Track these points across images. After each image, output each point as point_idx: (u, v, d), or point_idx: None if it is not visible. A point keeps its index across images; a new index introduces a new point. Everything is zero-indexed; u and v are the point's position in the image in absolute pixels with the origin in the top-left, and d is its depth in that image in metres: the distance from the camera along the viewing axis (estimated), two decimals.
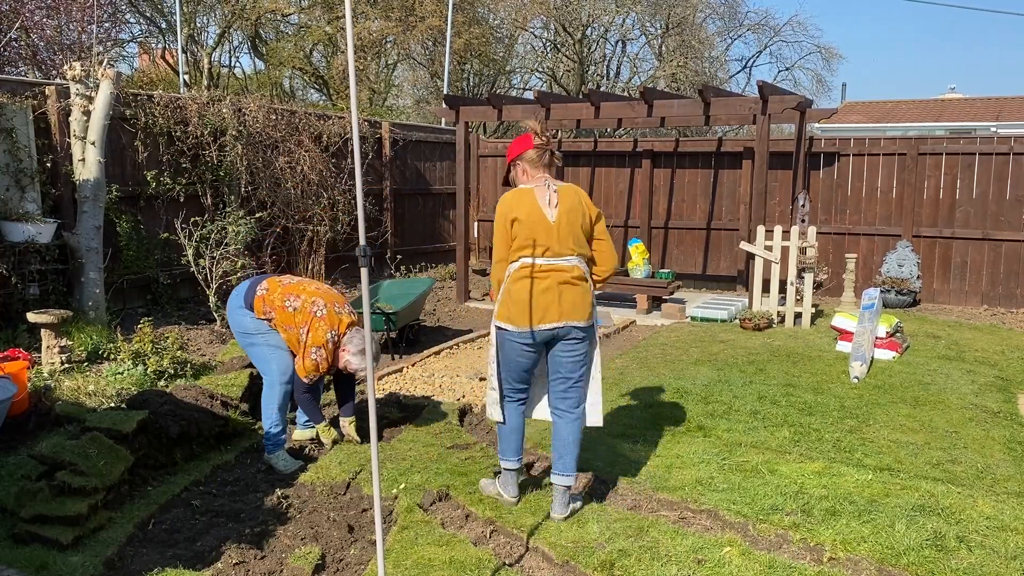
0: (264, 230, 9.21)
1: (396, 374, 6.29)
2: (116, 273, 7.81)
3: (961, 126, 22.60)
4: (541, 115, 9.75)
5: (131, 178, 8.20)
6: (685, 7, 25.67)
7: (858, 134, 16.64)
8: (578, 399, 3.82)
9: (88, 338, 6.40)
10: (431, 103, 21.77)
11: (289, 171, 9.59)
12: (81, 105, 6.97)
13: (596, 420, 3.93)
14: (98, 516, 3.55)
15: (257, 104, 9.39)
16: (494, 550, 3.48)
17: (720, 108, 9.03)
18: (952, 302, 10.01)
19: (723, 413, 5.27)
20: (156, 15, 19.39)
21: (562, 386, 3.80)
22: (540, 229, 3.69)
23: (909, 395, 5.78)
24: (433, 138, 12.55)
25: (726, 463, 4.36)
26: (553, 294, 3.67)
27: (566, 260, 3.70)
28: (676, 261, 11.50)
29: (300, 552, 3.38)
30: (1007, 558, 3.34)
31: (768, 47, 30.21)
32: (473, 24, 20.64)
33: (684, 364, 6.63)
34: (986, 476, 4.26)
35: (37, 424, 4.71)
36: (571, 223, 3.72)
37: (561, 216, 3.71)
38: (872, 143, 10.47)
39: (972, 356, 7.10)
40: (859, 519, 3.66)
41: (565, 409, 3.82)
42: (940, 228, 10.01)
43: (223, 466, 4.38)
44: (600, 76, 26.44)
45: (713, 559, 3.33)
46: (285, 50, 20.54)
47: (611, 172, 11.88)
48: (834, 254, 10.47)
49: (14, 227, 6.61)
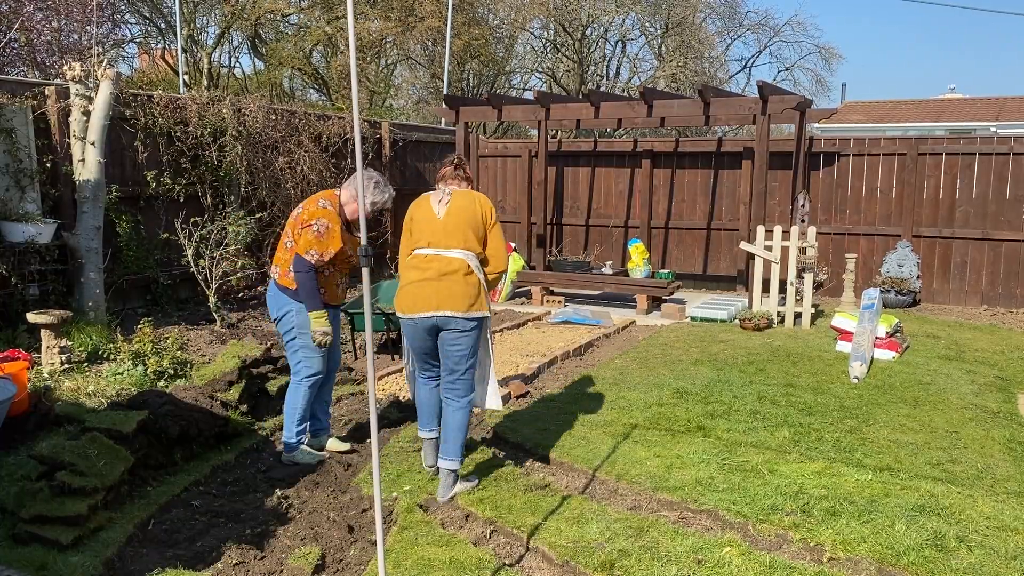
0: (264, 230, 9.21)
1: (396, 374, 6.29)
2: (116, 273, 7.81)
3: (961, 126, 22.60)
4: (541, 115, 9.76)
5: (131, 178, 8.19)
6: (685, 7, 25.67)
7: (858, 134, 16.63)
8: (464, 390, 4.07)
9: (88, 338, 6.39)
10: (431, 103, 21.76)
11: (289, 171, 9.59)
12: (81, 105, 6.97)
13: (496, 403, 4.30)
14: (98, 516, 3.55)
15: (257, 104, 9.39)
16: (494, 550, 3.48)
17: (720, 108, 9.02)
18: (952, 302, 10.01)
19: (723, 413, 5.27)
20: (156, 15, 19.40)
21: (449, 377, 4.07)
22: (427, 226, 4.04)
23: (909, 395, 5.77)
24: (433, 138, 12.55)
25: (726, 463, 4.36)
26: (432, 285, 3.93)
27: (450, 252, 3.97)
28: (676, 261, 11.49)
29: (300, 552, 3.38)
30: (1007, 558, 3.34)
31: (768, 47, 30.24)
32: (473, 24, 20.64)
33: (684, 364, 6.63)
34: (986, 476, 4.26)
35: (37, 424, 4.71)
36: (460, 221, 4.00)
37: (449, 214, 4.03)
38: (872, 143, 10.47)
39: (972, 356, 7.10)
40: (859, 519, 3.66)
41: (452, 398, 4.07)
42: (940, 228, 10.00)
43: (223, 466, 4.39)
44: (600, 76, 26.44)
45: (713, 559, 3.33)
46: (285, 50, 20.53)
47: (611, 172, 11.88)
48: (834, 254, 10.47)
49: (14, 227, 6.61)
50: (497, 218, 4.14)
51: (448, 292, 3.92)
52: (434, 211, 4.05)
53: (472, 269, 3.97)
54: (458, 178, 4.20)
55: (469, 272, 3.96)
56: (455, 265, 3.95)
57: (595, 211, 12.01)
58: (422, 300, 3.94)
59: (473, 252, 3.99)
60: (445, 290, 3.92)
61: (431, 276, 3.95)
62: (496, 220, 4.12)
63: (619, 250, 11.73)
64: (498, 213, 4.19)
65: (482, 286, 4.01)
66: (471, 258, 3.98)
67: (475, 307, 3.95)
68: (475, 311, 3.95)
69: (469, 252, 3.98)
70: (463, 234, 3.99)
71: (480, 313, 3.98)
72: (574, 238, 12.18)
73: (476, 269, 3.99)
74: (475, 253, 4.00)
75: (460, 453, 4.04)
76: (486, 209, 4.08)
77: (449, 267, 3.95)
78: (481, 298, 3.99)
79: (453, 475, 4.02)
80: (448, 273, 3.94)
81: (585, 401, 5.52)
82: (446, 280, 3.93)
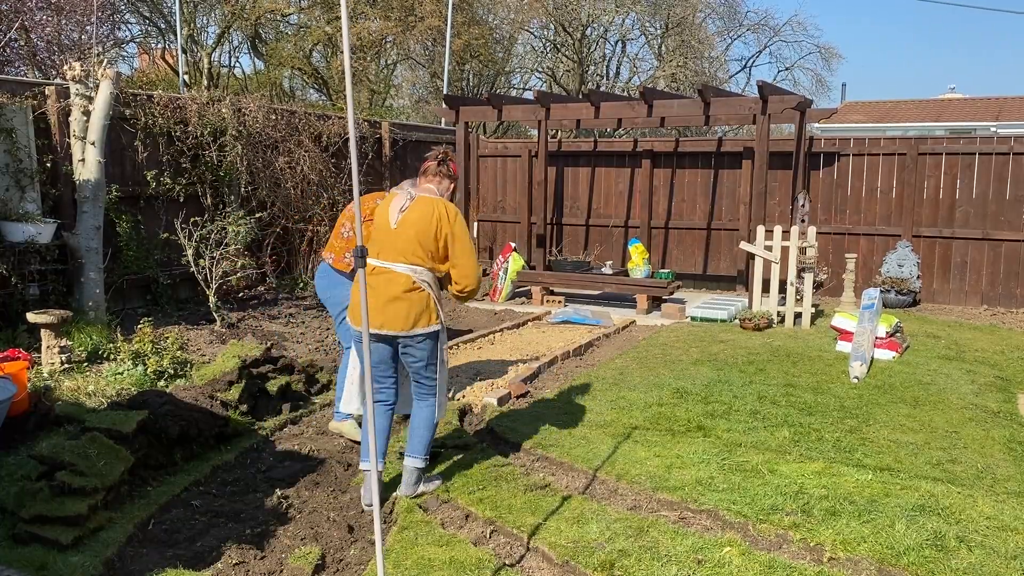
0: (264, 230, 9.21)
1: None
2: (116, 273, 7.81)
3: (961, 126, 22.60)
4: (541, 115, 9.76)
5: (131, 178, 8.19)
6: (685, 7, 25.68)
7: (858, 134, 16.64)
8: (428, 392, 4.02)
9: (88, 338, 6.39)
10: (431, 103, 21.77)
11: (289, 171, 9.59)
12: (81, 105, 6.97)
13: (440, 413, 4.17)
14: (98, 516, 3.55)
15: (257, 104, 9.39)
16: (494, 550, 3.48)
17: (720, 108, 9.02)
18: (952, 302, 10.01)
19: (723, 413, 5.27)
20: (156, 15, 19.39)
21: (415, 378, 4.02)
22: (380, 234, 3.91)
23: (909, 395, 5.77)
24: (433, 138, 12.54)
25: (726, 463, 4.36)
26: (380, 300, 3.80)
27: (395, 266, 3.82)
28: (676, 261, 11.50)
29: (300, 552, 3.38)
30: (1007, 558, 3.34)
31: (768, 47, 30.28)
32: (472, 24, 20.64)
33: (684, 364, 6.63)
34: (986, 476, 4.26)
35: (37, 424, 4.71)
36: (411, 234, 3.83)
37: (401, 224, 3.85)
38: (872, 143, 10.46)
39: (972, 356, 7.10)
40: (859, 519, 3.66)
41: (417, 398, 4.05)
42: (940, 228, 10.00)
43: (223, 466, 4.39)
44: (600, 76, 26.45)
45: (713, 559, 3.33)
46: (285, 50, 20.53)
47: (611, 172, 11.88)
48: (834, 254, 10.47)
49: (14, 227, 6.61)
50: (464, 229, 3.90)
51: (393, 311, 3.78)
52: (390, 219, 3.88)
53: (417, 285, 3.80)
54: (440, 174, 4.02)
55: (412, 288, 3.79)
56: (398, 280, 3.80)
57: (595, 211, 12.01)
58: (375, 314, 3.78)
59: (421, 266, 3.81)
60: (390, 309, 3.77)
61: (377, 290, 3.79)
62: (461, 233, 3.87)
63: (619, 250, 11.73)
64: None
65: (431, 300, 3.83)
66: (418, 273, 3.81)
67: (419, 324, 3.80)
68: (419, 328, 3.81)
69: (416, 267, 3.81)
70: (411, 248, 3.81)
71: (425, 329, 3.82)
72: (574, 238, 12.18)
73: (425, 284, 3.82)
74: (424, 267, 3.82)
75: (424, 452, 3.97)
76: (444, 221, 3.84)
77: (391, 283, 3.80)
78: (427, 314, 3.81)
79: (417, 472, 3.96)
80: (391, 289, 3.79)
81: (585, 401, 5.52)
82: (389, 297, 3.79)
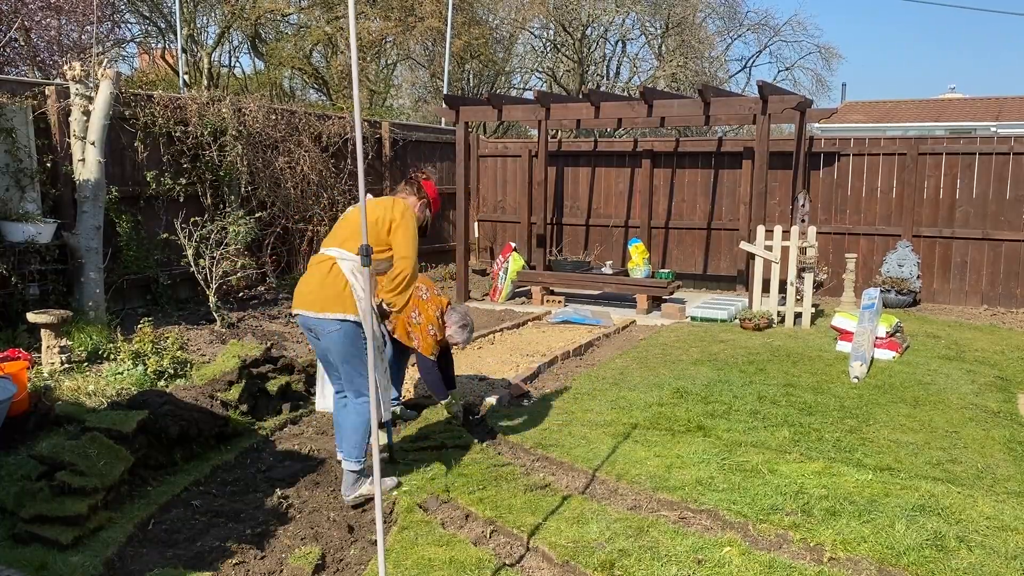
0: (264, 230, 9.21)
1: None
2: (116, 273, 7.81)
3: (961, 126, 22.60)
4: (541, 115, 9.76)
5: (131, 178, 8.19)
6: (685, 7, 25.68)
7: (858, 134, 16.64)
8: (352, 391, 3.91)
9: (88, 338, 6.39)
10: (431, 103, 21.76)
11: (289, 171, 9.59)
12: (81, 105, 6.97)
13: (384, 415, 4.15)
14: (98, 516, 3.55)
15: (257, 104, 9.38)
16: (494, 550, 3.47)
17: (720, 108, 9.02)
18: (952, 302, 10.01)
19: (723, 413, 5.27)
20: (156, 15, 19.39)
21: (335, 374, 3.97)
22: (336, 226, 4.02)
23: (909, 395, 5.77)
24: (433, 138, 12.54)
25: (726, 463, 4.36)
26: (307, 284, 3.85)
27: (329, 251, 3.86)
28: (676, 261, 11.49)
29: (300, 552, 3.38)
30: (1007, 558, 3.34)
31: (768, 47, 30.28)
32: (472, 24, 20.64)
33: (684, 364, 6.63)
34: (986, 476, 4.26)
35: (37, 424, 4.70)
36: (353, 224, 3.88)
37: (347, 216, 4.01)
38: (872, 143, 10.46)
39: (972, 356, 7.10)
40: (859, 519, 3.66)
41: (339, 396, 4.02)
42: (940, 228, 10.00)
43: (223, 466, 4.38)
44: (600, 76, 26.44)
45: (713, 559, 3.33)
46: (285, 50, 20.53)
47: (611, 172, 11.88)
48: (834, 254, 10.47)
49: (14, 227, 6.61)
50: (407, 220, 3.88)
51: (307, 291, 3.82)
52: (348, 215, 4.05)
53: (337, 267, 3.78)
54: (406, 192, 4.24)
55: (331, 271, 3.78)
56: (325, 263, 3.81)
57: (595, 211, 12.01)
58: (296, 297, 3.90)
59: (352, 253, 3.76)
60: (305, 289, 3.83)
61: (309, 273, 3.89)
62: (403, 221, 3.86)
63: (619, 250, 11.73)
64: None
65: (347, 287, 3.73)
66: (345, 258, 3.77)
67: (329, 309, 3.72)
68: (328, 313, 3.72)
69: (345, 252, 3.78)
70: (349, 233, 3.85)
71: (334, 315, 3.72)
72: (574, 238, 12.18)
73: (346, 268, 3.75)
74: (356, 253, 3.71)
75: (356, 454, 3.90)
76: (389, 211, 3.88)
77: (319, 265, 3.84)
78: (340, 300, 3.72)
79: (352, 475, 3.91)
80: (317, 271, 3.83)
81: (585, 401, 5.52)
82: (310, 278, 3.84)
